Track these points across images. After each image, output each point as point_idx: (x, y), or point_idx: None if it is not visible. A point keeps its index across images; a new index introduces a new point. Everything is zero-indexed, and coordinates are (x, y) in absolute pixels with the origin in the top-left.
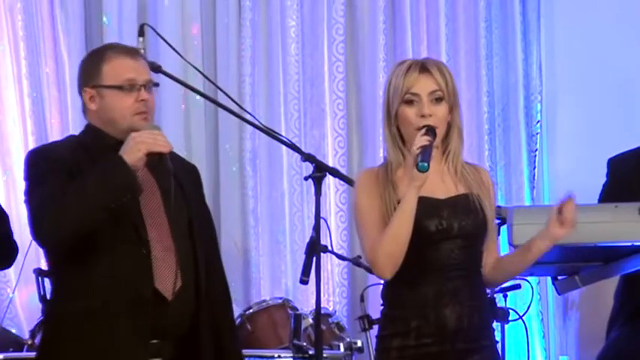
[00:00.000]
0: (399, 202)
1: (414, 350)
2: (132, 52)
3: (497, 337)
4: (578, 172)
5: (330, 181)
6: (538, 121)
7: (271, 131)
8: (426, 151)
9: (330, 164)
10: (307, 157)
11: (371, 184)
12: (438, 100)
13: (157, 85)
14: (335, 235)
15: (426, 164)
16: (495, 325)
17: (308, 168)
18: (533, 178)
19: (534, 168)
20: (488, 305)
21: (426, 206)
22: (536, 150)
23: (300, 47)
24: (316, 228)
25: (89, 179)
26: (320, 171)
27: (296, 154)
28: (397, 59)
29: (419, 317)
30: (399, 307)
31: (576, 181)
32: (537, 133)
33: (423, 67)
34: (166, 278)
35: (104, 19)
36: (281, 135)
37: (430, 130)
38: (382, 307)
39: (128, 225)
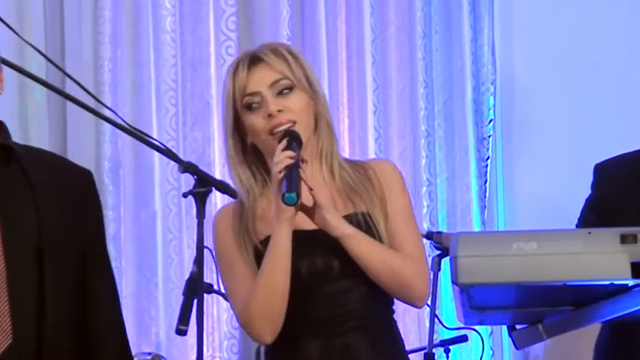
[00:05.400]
0: (261, 243)
1: None
2: None
3: None
4: (541, 187)
5: (217, 198)
6: (490, 121)
7: (139, 132)
8: (291, 174)
9: (218, 176)
10: (187, 167)
11: (227, 228)
12: (287, 89)
13: None
14: None
15: (293, 195)
16: None
17: (188, 181)
18: (484, 195)
19: (485, 182)
20: None
21: (293, 243)
22: (488, 158)
23: (178, 21)
24: (198, 260)
25: None
26: (203, 185)
27: (172, 163)
28: (306, 38)
29: None
30: None
31: (539, 198)
32: (489, 136)
33: (254, 57)
34: None
35: None
36: (152, 137)
37: (292, 138)
38: None
39: None
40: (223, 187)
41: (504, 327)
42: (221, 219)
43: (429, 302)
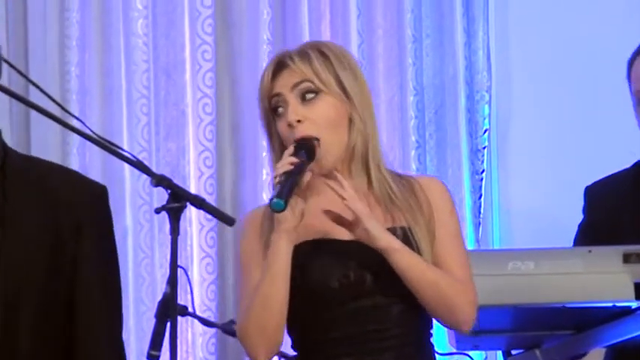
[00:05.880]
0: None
1: None
2: None
3: None
4: (540, 203)
5: (192, 214)
6: (486, 131)
7: (108, 143)
8: (286, 182)
9: (193, 190)
10: (160, 181)
11: (253, 232)
12: (311, 94)
13: None
14: (199, 292)
15: (281, 201)
16: None
17: (161, 196)
18: (479, 211)
19: (480, 197)
20: None
21: (325, 253)
22: (483, 171)
23: (150, 24)
24: (171, 281)
25: None
26: (178, 200)
27: (144, 177)
28: (288, 41)
29: None
30: None
31: (537, 215)
32: (484, 148)
33: (279, 62)
34: None
35: None
36: (122, 149)
37: (302, 147)
38: None
39: None
40: (199, 203)
41: (499, 352)
42: (249, 222)
43: None
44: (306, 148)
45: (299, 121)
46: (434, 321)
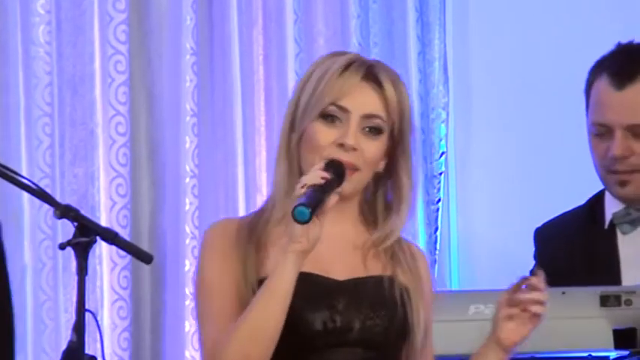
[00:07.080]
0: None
1: None
2: None
3: None
4: (504, 236)
5: (103, 250)
6: (442, 154)
7: (3, 168)
8: (315, 193)
9: (104, 223)
10: (65, 212)
11: (225, 243)
12: (375, 130)
13: None
14: (110, 340)
15: (305, 210)
16: None
17: (66, 229)
18: (435, 246)
19: (436, 230)
20: None
21: (312, 290)
22: (439, 200)
23: (54, 31)
24: (78, 327)
25: None
26: (86, 234)
27: (46, 207)
28: (215, 51)
29: None
30: None
31: (502, 250)
32: (441, 174)
33: (371, 70)
34: None
35: None
36: (20, 175)
37: (335, 168)
38: None
39: None
40: (110, 237)
41: None
42: (219, 232)
43: None
44: (338, 170)
45: (354, 149)
46: None
